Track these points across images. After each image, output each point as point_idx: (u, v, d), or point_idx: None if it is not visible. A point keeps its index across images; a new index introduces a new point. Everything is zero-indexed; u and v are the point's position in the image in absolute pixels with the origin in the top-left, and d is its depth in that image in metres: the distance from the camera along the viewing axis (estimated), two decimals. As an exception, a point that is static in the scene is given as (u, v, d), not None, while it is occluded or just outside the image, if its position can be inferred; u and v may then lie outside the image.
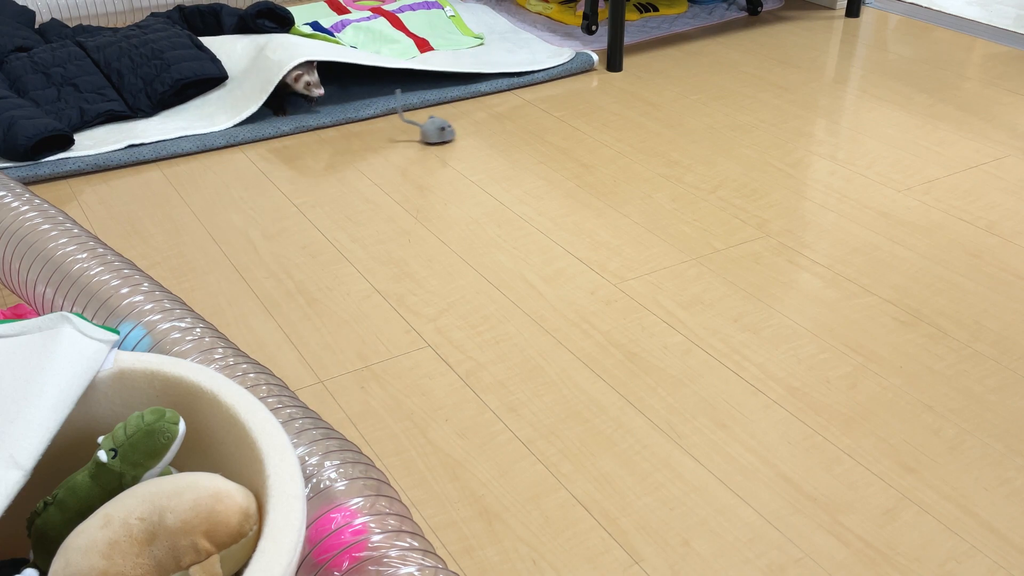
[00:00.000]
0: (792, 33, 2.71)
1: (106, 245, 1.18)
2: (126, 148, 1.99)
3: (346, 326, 1.47)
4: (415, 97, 2.23)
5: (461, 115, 2.20)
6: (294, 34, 2.39)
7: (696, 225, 1.73)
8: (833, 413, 1.28)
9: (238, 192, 1.87)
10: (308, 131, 2.13)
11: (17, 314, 1.41)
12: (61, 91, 2.09)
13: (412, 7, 2.68)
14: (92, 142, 2.02)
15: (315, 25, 2.57)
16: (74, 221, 1.24)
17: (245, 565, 0.75)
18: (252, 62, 2.20)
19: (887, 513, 1.13)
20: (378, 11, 2.65)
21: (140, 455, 0.81)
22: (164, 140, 2.03)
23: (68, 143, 1.98)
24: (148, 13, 2.71)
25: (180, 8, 2.49)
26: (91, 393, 0.89)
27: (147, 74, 2.13)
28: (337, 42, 2.42)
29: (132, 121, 2.12)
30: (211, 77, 2.18)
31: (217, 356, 0.98)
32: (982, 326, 1.45)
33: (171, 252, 1.67)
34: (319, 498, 0.83)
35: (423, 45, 2.53)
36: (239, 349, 1.01)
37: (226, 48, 2.29)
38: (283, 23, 2.42)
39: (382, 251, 1.67)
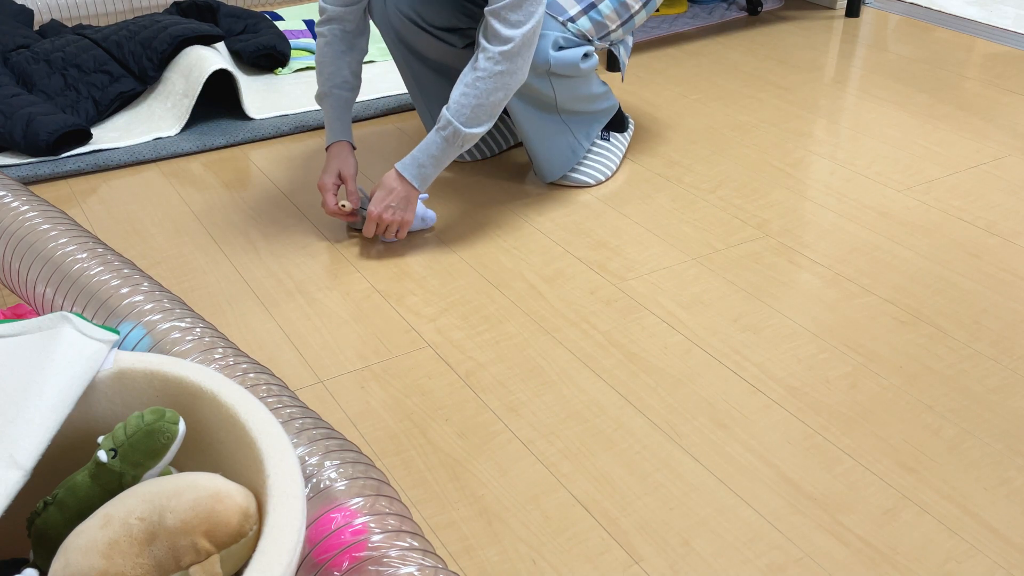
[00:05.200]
0: (792, 33, 2.71)
1: (106, 245, 1.18)
2: (151, 141, 2.03)
3: (346, 326, 1.47)
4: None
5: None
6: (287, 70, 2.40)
7: (696, 225, 1.73)
8: (833, 413, 1.28)
9: (238, 192, 1.87)
10: (307, 131, 2.13)
11: (17, 314, 1.41)
12: (66, 76, 2.10)
13: None
14: (117, 133, 2.05)
15: (310, 24, 2.57)
16: (74, 221, 1.24)
17: (245, 565, 0.75)
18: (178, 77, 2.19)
19: (887, 513, 1.13)
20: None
21: (140, 455, 0.81)
22: (165, 138, 2.03)
23: (87, 137, 1.99)
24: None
25: (176, 4, 2.50)
26: (91, 393, 0.89)
27: (146, 38, 2.14)
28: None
29: (147, 103, 2.14)
30: (208, 35, 2.19)
31: (217, 356, 0.98)
32: (982, 326, 1.45)
33: (171, 252, 1.67)
34: (319, 498, 0.83)
35: None
36: (239, 349, 1.01)
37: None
38: (278, 62, 2.41)
39: (382, 251, 1.66)
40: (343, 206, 1.65)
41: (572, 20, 1.67)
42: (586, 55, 1.69)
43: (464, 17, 1.77)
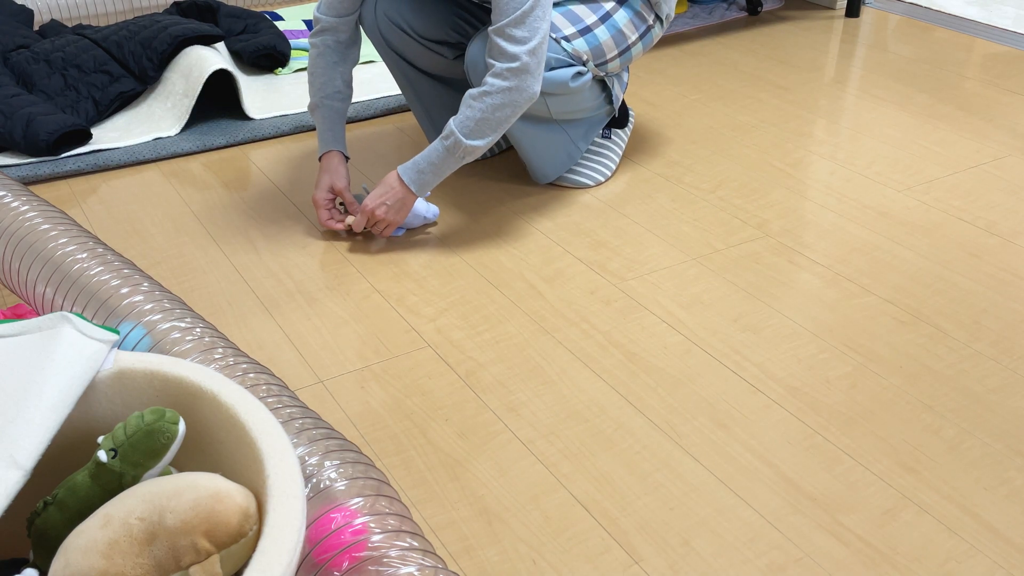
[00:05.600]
0: (792, 33, 2.71)
1: (106, 245, 1.18)
2: (151, 141, 2.03)
3: (346, 326, 1.47)
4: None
5: (461, 115, 2.19)
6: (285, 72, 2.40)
7: (696, 225, 1.73)
8: (833, 413, 1.28)
9: (238, 192, 1.87)
10: (307, 131, 2.13)
11: (17, 314, 1.41)
12: (67, 76, 2.10)
13: None
14: (117, 133, 2.05)
15: (310, 24, 2.57)
16: (74, 221, 1.24)
17: (245, 565, 0.75)
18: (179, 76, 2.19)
19: (887, 513, 1.13)
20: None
21: (140, 455, 0.81)
22: (165, 138, 2.03)
23: (87, 137, 2.00)
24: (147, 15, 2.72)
25: (176, 4, 2.50)
26: (91, 393, 0.89)
27: (146, 38, 2.14)
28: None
29: (147, 103, 2.15)
30: (208, 35, 2.19)
31: (217, 356, 0.98)
32: (982, 326, 1.45)
33: (171, 252, 1.67)
34: (319, 498, 0.83)
35: None
36: (239, 349, 1.01)
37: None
38: (278, 62, 2.40)
39: (382, 251, 1.67)
40: (349, 225, 1.66)
41: (567, 39, 1.66)
42: (578, 74, 1.68)
43: (454, 33, 1.77)
